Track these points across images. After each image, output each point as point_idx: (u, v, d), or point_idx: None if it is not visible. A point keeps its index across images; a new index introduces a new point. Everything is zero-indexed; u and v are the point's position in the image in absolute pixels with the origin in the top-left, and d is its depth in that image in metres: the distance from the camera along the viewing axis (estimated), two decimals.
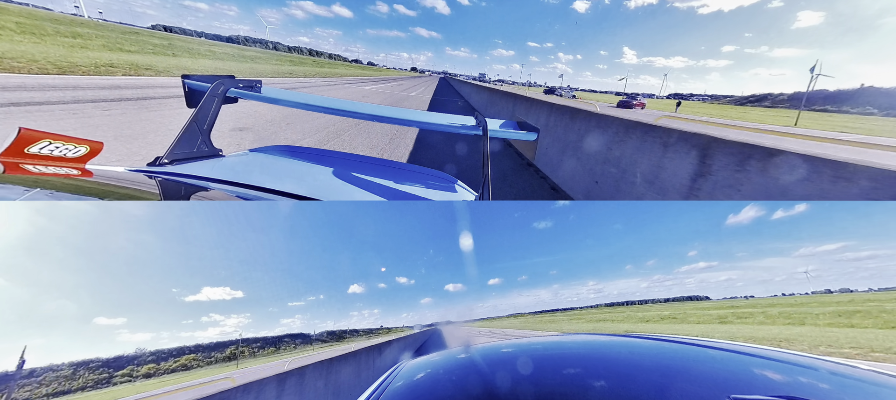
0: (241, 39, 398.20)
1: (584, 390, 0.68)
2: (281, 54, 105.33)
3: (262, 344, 11.99)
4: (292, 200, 1.08)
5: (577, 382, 0.73)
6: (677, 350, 0.91)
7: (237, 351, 10.16)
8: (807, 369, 0.73)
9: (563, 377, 0.76)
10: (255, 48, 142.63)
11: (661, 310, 16.12)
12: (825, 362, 0.77)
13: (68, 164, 0.97)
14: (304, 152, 1.72)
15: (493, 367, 0.88)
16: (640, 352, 0.97)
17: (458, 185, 1.55)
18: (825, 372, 0.72)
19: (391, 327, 17.98)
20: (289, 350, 12.92)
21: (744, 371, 0.74)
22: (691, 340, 0.99)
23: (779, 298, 15.15)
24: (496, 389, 0.73)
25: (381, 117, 1.43)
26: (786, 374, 0.71)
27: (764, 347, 0.88)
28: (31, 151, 0.89)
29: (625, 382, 0.71)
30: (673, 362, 0.84)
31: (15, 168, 0.85)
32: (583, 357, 0.94)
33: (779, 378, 0.69)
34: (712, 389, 0.65)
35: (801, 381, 0.68)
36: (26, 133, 0.87)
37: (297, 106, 1.45)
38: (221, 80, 1.44)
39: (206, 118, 1.37)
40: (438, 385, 0.83)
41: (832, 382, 0.68)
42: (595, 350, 1.02)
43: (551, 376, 0.77)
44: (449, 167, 6.66)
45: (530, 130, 1.36)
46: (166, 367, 8.62)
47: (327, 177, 1.38)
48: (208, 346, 9.91)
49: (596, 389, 0.68)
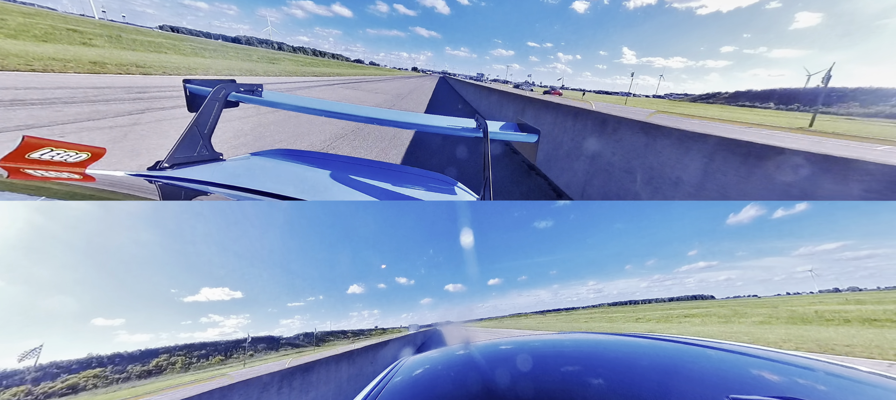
0: (255, 41, 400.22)
1: (583, 388, 0.68)
2: (290, 55, 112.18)
3: (266, 344, 12.26)
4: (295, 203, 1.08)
5: (576, 380, 0.73)
6: (676, 350, 0.91)
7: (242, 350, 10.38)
8: (805, 370, 0.73)
9: (562, 375, 0.77)
10: (261, 49, 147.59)
11: (669, 309, 16.05)
12: (823, 363, 0.77)
13: (69, 168, 0.98)
14: (305, 156, 1.72)
15: (492, 364, 0.88)
16: (639, 351, 0.97)
17: (458, 188, 1.55)
18: (823, 373, 0.73)
19: (387, 328, 18.06)
20: (290, 351, 13.28)
21: (742, 371, 0.74)
22: (690, 339, 0.99)
23: (782, 296, 15.16)
24: (495, 385, 0.73)
25: (382, 120, 1.44)
26: (784, 374, 0.72)
27: (763, 348, 0.88)
28: (32, 157, 0.90)
29: (623, 381, 0.71)
30: (671, 362, 0.84)
31: (16, 173, 0.86)
32: (581, 355, 0.95)
33: (777, 379, 0.70)
34: (711, 390, 0.65)
35: (800, 382, 0.68)
36: (29, 140, 0.88)
37: (298, 110, 1.46)
38: (222, 84, 1.44)
39: (207, 122, 1.37)
40: (438, 381, 0.83)
41: (830, 383, 0.68)
42: (594, 349, 1.03)
43: (550, 374, 0.78)
44: (450, 169, 6.69)
45: (531, 132, 1.36)
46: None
47: (328, 180, 1.38)
48: (221, 344, 10.18)
49: (594, 387, 0.68)
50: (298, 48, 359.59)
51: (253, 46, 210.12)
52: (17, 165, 0.88)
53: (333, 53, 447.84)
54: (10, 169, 0.86)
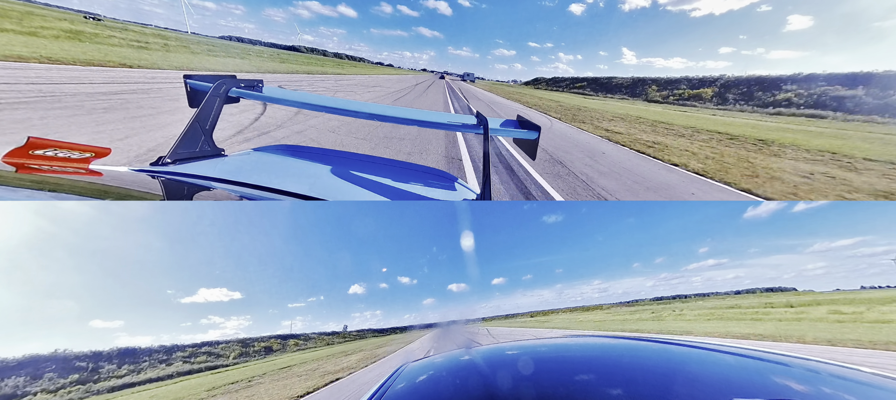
0: (277, 45, 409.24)
1: (586, 392, 0.67)
2: (312, 57, 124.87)
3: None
4: (296, 199, 1.08)
5: (580, 384, 0.73)
6: (680, 352, 0.90)
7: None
8: (809, 372, 0.72)
9: (565, 379, 0.76)
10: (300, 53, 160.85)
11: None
12: (828, 365, 0.76)
13: (73, 164, 0.98)
14: (306, 151, 1.72)
15: (495, 368, 0.88)
16: (643, 354, 0.96)
17: (458, 184, 1.55)
18: (827, 375, 0.72)
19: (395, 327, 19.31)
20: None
21: (747, 373, 0.73)
22: (694, 341, 0.98)
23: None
24: (498, 391, 0.72)
25: (384, 117, 1.43)
26: (789, 377, 0.71)
27: (767, 350, 0.87)
28: (37, 154, 0.91)
29: (627, 384, 0.70)
30: (675, 364, 0.83)
31: (23, 169, 0.88)
32: (585, 359, 0.94)
33: (782, 381, 0.69)
34: (715, 392, 0.64)
35: (805, 384, 0.67)
36: (35, 141, 0.90)
37: (299, 105, 1.45)
38: (223, 79, 1.44)
39: (209, 118, 1.37)
40: (440, 387, 0.82)
41: (835, 385, 0.68)
42: (598, 352, 1.02)
43: (553, 378, 0.77)
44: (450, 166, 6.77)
45: (531, 129, 1.35)
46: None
47: (329, 176, 1.38)
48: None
49: (598, 391, 0.67)
50: (310, 49, 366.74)
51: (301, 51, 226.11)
52: (23, 161, 0.89)
53: (342, 54, 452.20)
54: (16, 165, 0.88)
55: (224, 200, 1.02)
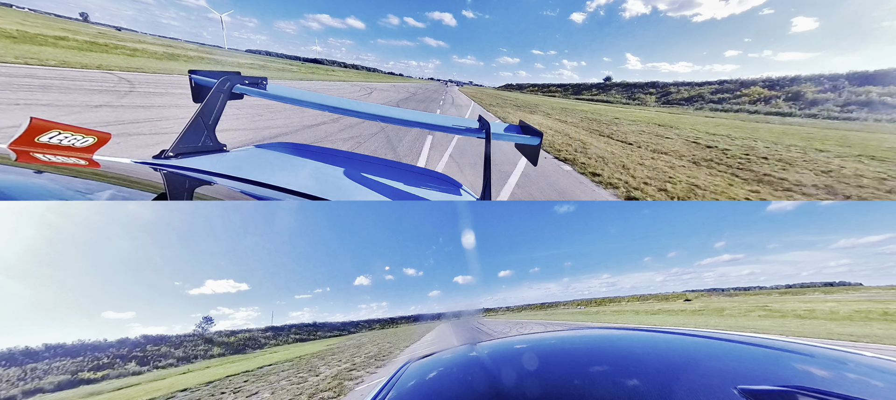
0: (297, 57, 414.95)
1: (591, 385, 0.67)
2: (338, 68, 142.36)
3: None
4: (299, 198, 1.08)
5: (585, 376, 0.73)
6: (683, 342, 0.90)
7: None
8: (812, 358, 0.72)
9: (570, 372, 0.76)
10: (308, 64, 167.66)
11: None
12: (831, 351, 0.77)
13: (76, 153, 0.99)
14: (306, 150, 1.72)
15: (501, 364, 0.87)
16: (645, 344, 0.95)
17: (462, 190, 1.54)
18: (830, 360, 0.72)
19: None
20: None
21: (750, 362, 0.73)
22: (697, 331, 0.98)
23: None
24: (505, 386, 0.72)
25: (386, 118, 1.43)
26: (792, 363, 0.71)
27: (770, 338, 0.87)
28: (40, 141, 0.91)
29: (631, 375, 0.70)
30: (678, 354, 0.83)
31: (25, 156, 0.88)
32: (597, 351, 0.94)
33: (785, 368, 0.69)
34: (719, 381, 0.64)
35: (807, 370, 0.67)
36: (37, 123, 0.90)
37: (302, 104, 1.45)
38: (227, 76, 1.44)
39: (212, 113, 1.38)
40: (447, 384, 0.82)
41: (838, 370, 0.68)
42: (601, 344, 1.01)
43: (558, 372, 0.77)
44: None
45: (533, 134, 1.35)
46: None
47: (329, 175, 1.38)
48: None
49: (603, 383, 0.67)
50: (333, 62, 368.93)
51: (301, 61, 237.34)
52: (26, 149, 0.90)
53: (348, 63, 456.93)
54: (18, 152, 0.89)
55: (225, 195, 1.02)
